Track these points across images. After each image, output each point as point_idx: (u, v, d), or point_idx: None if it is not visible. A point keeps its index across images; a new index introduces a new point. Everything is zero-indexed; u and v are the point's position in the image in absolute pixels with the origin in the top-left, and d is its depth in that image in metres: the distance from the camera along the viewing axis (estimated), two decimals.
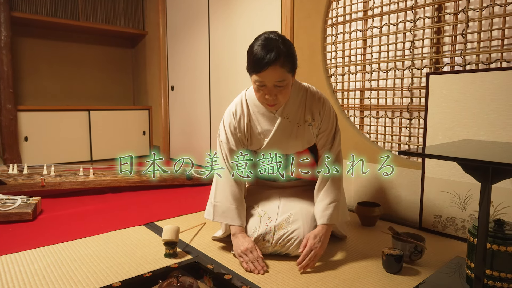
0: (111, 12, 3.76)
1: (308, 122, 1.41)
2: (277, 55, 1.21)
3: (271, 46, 1.22)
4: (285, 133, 1.41)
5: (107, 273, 1.25)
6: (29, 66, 3.55)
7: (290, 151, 1.47)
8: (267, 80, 1.25)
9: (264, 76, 1.23)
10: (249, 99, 1.45)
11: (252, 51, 1.25)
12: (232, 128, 1.44)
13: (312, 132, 1.42)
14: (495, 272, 1.03)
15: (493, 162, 0.82)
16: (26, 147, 3.21)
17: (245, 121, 1.43)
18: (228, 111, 1.47)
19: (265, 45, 1.23)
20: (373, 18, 1.91)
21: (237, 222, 1.39)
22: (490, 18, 1.50)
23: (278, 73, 1.23)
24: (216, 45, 3.04)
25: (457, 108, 1.57)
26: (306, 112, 1.41)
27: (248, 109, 1.43)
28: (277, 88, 1.26)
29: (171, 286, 0.99)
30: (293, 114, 1.40)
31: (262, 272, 1.25)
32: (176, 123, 3.69)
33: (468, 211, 1.56)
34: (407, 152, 1.00)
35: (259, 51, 1.22)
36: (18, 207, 1.81)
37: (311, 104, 1.41)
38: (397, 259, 1.25)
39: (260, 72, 1.23)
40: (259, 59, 1.21)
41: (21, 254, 1.41)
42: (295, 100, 1.40)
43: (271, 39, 1.24)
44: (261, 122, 1.42)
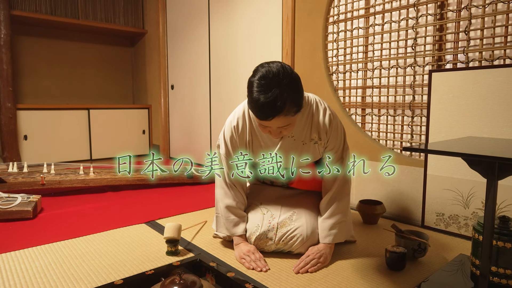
0: (111, 10, 3.75)
1: (314, 140, 1.35)
2: (281, 106, 1.10)
3: (275, 95, 1.09)
4: (289, 150, 1.36)
5: (108, 271, 1.24)
6: (29, 64, 3.54)
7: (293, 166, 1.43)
8: (272, 126, 1.19)
9: (269, 123, 1.17)
10: (252, 116, 1.36)
11: (252, 93, 1.13)
12: (234, 142, 1.37)
13: (318, 150, 1.37)
14: (501, 269, 1.03)
15: (500, 157, 0.82)
16: (25, 146, 3.19)
17: (246, 136, 1.37)
18: (229, 124, 1.38)
19: (266, 91, 1.10)
20: (375, 16, 1.90)
21: (237, 233, 1.39)
22: (493, 15, 1.49)
23: (282, 120, 1.15)
24: (216, 44, 3.03)
25: (460, 106, 1.56)
26: (312, 130, 1.34)
27: (250, 123, 1.36)
28: (282, 127, 1.20)
29: (174, 283, 0.98)
30: (299, 133, 1.33)
31: (264, 270, 1.25)
32: (176, 122, 3.68)
33: (471, 209, 1.55)
34: (412, 148, 0.99)
35: (262, 100, 1.10)
36: (18, 205, 1.80)
37: (318, 123, 1.33)
38: (400, 257, 1.25)
39: (265, 121, 1.16)
40: (261, 111, 1.12)
41: (21, 252, 1.40)
42: (301, 119, 1.31)
43: (270, 84, 1.10)
44: (264, 138, 1.36)
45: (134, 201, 2.15)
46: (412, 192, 1.79)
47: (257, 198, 1.49)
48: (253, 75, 1.16)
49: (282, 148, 1.35)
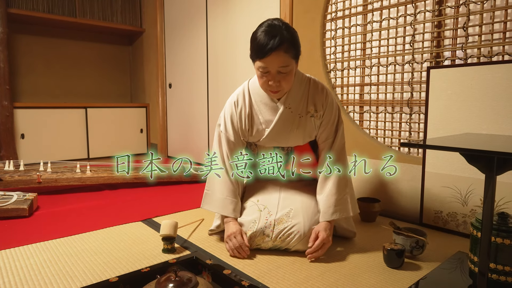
0: (108, 9, 3.73)
1: (310, 113, 1.40)
2: (281, 41, 1.21)
3: (275, 32, 1.23)
4: (286, 123, 1.40)
5: (104, 268, 1.23)
6: (26, 63, 3.52)
7: (290, 143, 1.46)
8: (271, 66, 1.25)
9: (268, 61, 1.24)
10: (251, 88, 1.44)
11: (256, 37, 1.26)
12: (233, 119, 1.43)
13: (314, 124, 1.41)
14: (499, 265, 1.02)
15: (498, 152, 0.81)
16: (22, 145, 3.17)
17: (246, 110, 1.42)
18: (230, 101, 1.46)
19: (268, 31, 1.23)
20: (373, 13, 1.89)
21: (228, 212, 1.39)
22: (491, 11, 1.48)
23: (281, 58, 1.24)
24: (214, 42, 3.01)
25: (458, 102, 1.55)
26: (308, 103, 1.40)
27: (250, 99, 1.43)
28: (280, 75, 1.27)
29: (169, 280, 0.97)
30: (296, 104, 1.39)
31: (245, 257, 1.29)
32: (173, 121, 3.67)
33: (470, 206, 1.54)
34: (410, 143, 0.98)
35: (263, 37, 1.23)
36: (14, 203, 1.79)
37: (314, 95, 1.41)
38: (398, 254, 1.24)
39: (263, 58, 1.24)
40: (263, 45, 1.22)
41: (16, 249, 1.39)
42: (298, 90, 1.39)
43: (274, 26, 1.25)
44: (263, 112, 1.41)
45: (131, 199, 2.14)
46: (410, 190, 1.78)
47: (254, 194, 1.48)
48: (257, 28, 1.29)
49: (280, 120, 1.39)
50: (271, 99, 1.39)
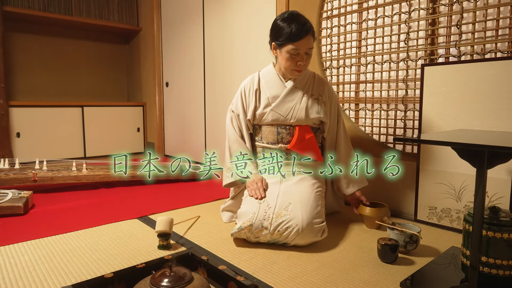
0: (105, 7, 3.73)
1: (314, 96, 1.62)
2: (310, 26, 1.48)
3: (303, 20, 1.47)
4: (292, 96, 1.59)
5: (99, 265, 1.23)
6: (22, 61, 3.51)
7: (293, 116, 1.57)
8: (302, 48, 1.47)
9: (300, 44, 1.46)
10: (262, 74, 1.66)
11: (285, 24, 1.46)
12: (243, 97, 1.64)
13: (317, 106, 1.60)
14: (491, 259, 1.03)
15: (489, 145, 0.82)
16: (18, 144, 3.16)
17: (254, 87, 1.64)
18: (241, 85, 1.69)
19: (297, 19, 1.46)
20: (368, 11, 1.90)
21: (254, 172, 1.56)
22: (484, 8, 1.50)
23: (310, 41, 1.49)
24: (211, 41, 3.02)
25: (452, 99, 1.56)
26: (314, 89, 1.63)
27: (259, 80, 1.65)
28: (306, 55, 1.50)
29: (165, 276, 0.97)
30: (302, 86, 1.61)
31: (260, 198, 1.42)
32: (170, 120, 3.67)
33: (463, 202, 1.55)
34: (403, 138, 0.99)
35: (295, 23, 1.45)
36: (9, 201, 1.78)
37: (318, 84, 1.64)
38: (392, 249, 1.25)
39: (298, 41, 1.45)
40: (298, 30, 1.44)
41: (11, 247, 1.39)
42: (304, 77, 1.62)
43: (299, 15, 1.50)
44: (271, 88, 1.61)
45: (127, 197, 2.14)
46: (405, 186, 1.79)
47: None
48: (277, 19, 1.52)
49: (287, 93, 1.58)
50: (280, 79, 1.61)
